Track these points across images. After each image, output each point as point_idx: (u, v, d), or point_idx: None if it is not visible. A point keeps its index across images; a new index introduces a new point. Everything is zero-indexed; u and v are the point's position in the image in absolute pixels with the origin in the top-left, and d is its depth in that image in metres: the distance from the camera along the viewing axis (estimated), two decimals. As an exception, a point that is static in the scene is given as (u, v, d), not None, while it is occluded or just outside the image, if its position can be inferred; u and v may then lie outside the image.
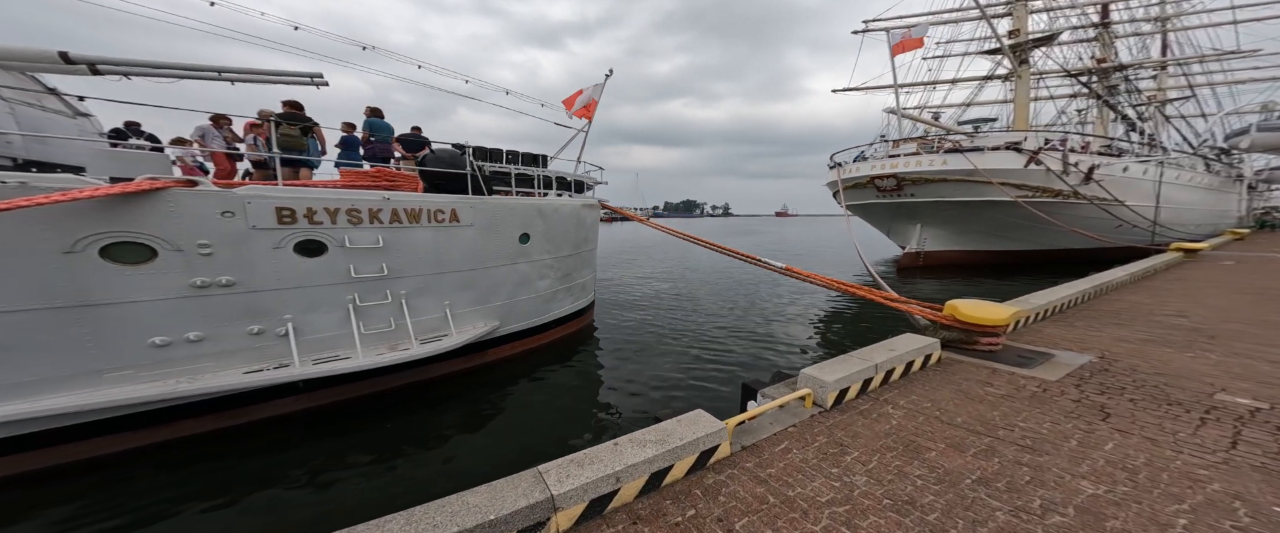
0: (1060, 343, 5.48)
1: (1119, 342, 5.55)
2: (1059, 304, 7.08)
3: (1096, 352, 5.16)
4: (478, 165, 8.09)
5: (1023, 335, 5.83)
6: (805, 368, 3.81)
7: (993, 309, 4.88)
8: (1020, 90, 25.73)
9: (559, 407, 6.47)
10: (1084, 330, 6.06)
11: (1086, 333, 5.94)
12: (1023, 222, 18.69)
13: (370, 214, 5.50)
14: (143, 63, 5.78)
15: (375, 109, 6.85)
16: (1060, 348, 5.26)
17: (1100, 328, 6.21)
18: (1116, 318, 6.77)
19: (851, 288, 6.09)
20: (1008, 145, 18.08)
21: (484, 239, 7.03)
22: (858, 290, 6.01)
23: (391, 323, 5.80)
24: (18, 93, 5.54)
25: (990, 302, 5.23)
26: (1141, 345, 5.39)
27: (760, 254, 7.95)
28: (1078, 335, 5.79)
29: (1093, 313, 7.15)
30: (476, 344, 7.36)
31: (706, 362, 8.23)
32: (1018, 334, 5.89)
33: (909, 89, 27.82)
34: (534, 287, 8.52)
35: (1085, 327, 6.27)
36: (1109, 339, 5.67)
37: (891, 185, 18.27)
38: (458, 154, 7.43)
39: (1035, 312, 6.45)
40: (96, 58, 5.56)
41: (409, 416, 5.93)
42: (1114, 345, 5.40)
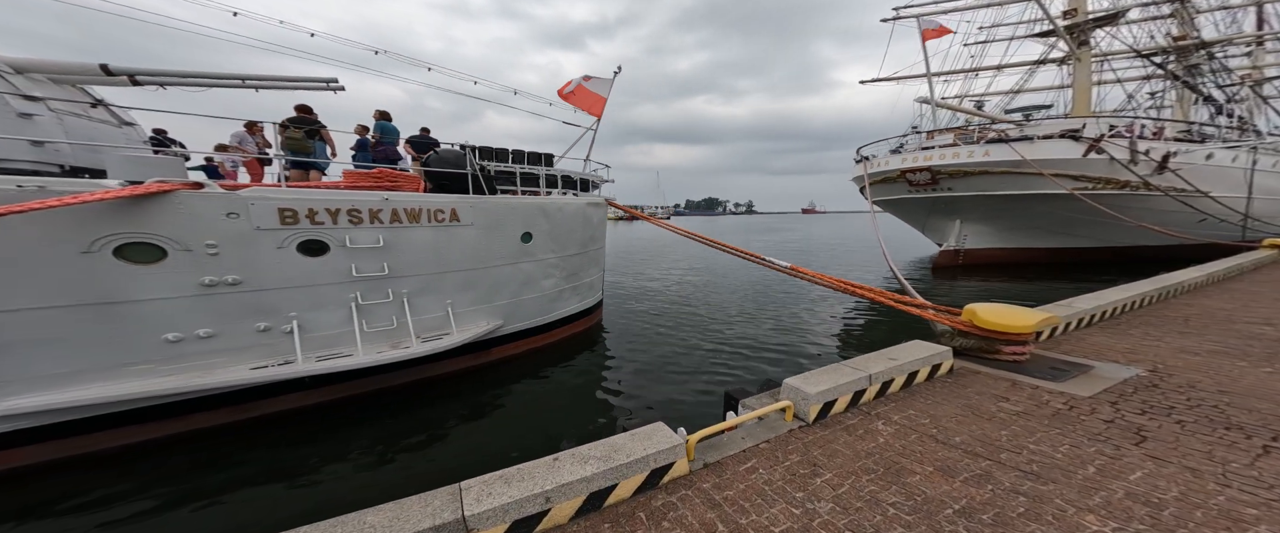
0: (1105, 353, 4.77)
1: (1180, 353, 4.76)
2: (1111, 308, 6.22)
3: (1148, 364, 4.44)
4: (480, 165, 8.10)
5: (1060, 343, 5.13)
6: (789, 378, 3.43)
7: (1017, 315, 4.28)
8: (1080, 74, 23.54)
9: (559, 407, 6.33)
10: (1139, 339, 5.27)
11: (1141, 342, 5.15)
12: (1082, 216, 17.00)
13: (371, 214, 5.53)
14: (177, 73, 6.10)
15: (383, 112, 6.96)
16: (1104, 359, 4.56)
17: (1160, 337, 5.38)
18: (1183, 325, 5.87)
19: (858, 289, 5.57)
20: (1063, 133, 16.50)
21: (486, 239, 6.99)
22: (865, 291, 5.49)
23: (393, 321, 5.83)
24: (67, 104, 5.95)
25: (1016, 306, 4.61)
26: (1208, 358, 4.60)
27: (780, 252, 7.52)
28: (1130, 345, 5.03)
29: (1153, 319, 6.25)
30: (479, 343, 7.34)
31: (716, 365, 7.87)
32: (1055, 342, 5.19)
33: (948, 78, 25.98)
34: (538, 286, 8.43)
35: (1141, 335, 5.45)
36: (1168, 350, 4.88)
37: (925, 179, 17.05)
38: (461, 155, 7.43)
39: (1078, 317, 5.67)
40: (135, 69, 5.89)
41: (412, 412, 5.94)
42: (1173, 358, 4.63)
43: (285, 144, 5.74)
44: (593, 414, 6.12)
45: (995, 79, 26.83)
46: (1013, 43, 26.83)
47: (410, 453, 5.01)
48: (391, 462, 4.85)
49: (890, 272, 18.21)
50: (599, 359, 8.60)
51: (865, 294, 5.50)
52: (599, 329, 10.66)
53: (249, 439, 5.24)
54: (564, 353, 8.65)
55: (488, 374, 7.37)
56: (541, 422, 5.86)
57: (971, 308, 4.56)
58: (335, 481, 4.54)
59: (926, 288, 15.06)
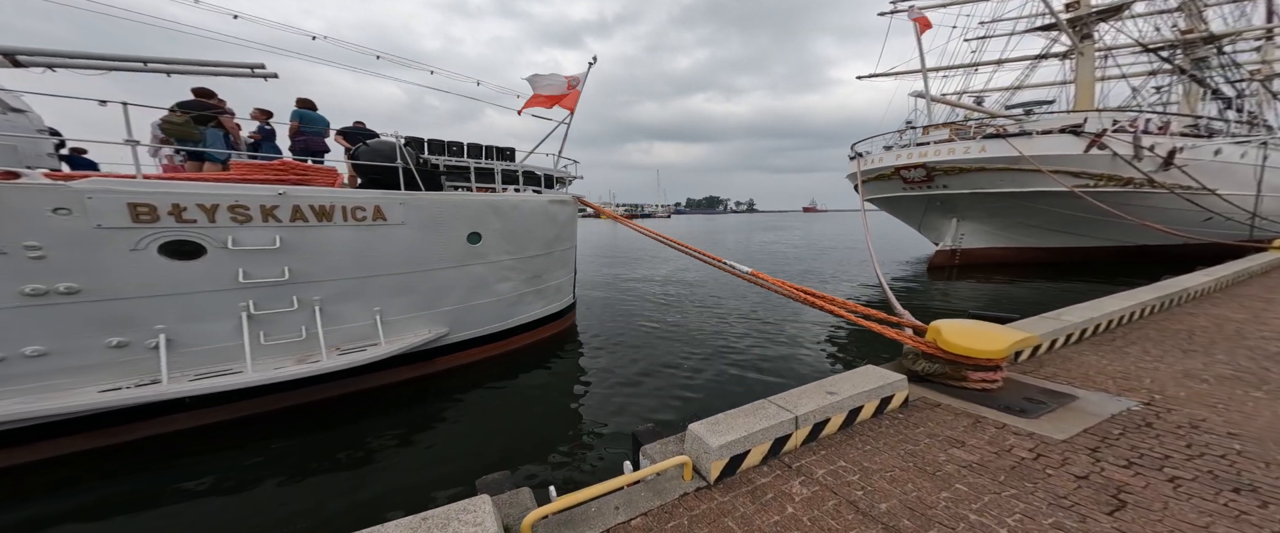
0: (1095, 378, 4.03)
1: (1183, 379, 4.01)
2: (1106, 322, 5.45)
3: (1143, 394, 3.70)
4: (423, 159, 7.45)
5: (1044, 365, 4.40)
6: (694, 423, 2.75)
7: (987, 336, 3.56)
8: (1083, 69, 22.46)
9: (506, 423, 5.69)
10: (1136, 359, 4.51)
11: (1139, 363, 4.40)
12: (1083, 215, 16.08)
13: (263, 211, 4.82)
14: (67, 54, 5.47)
15: (305, 100, 6.26)
16: (1092, 386, 3.83)
17: (1160, 356, 4.62)
18: (1188, 340, 5.09)
19: (817, 300, 4.86)
20: (1064, 129, 15.56)
21: (423, 239, 6.33)
22: (824, 303, 4.77)
23: (302, 332, 5.17)
24: None
25: (989, 325, 3.89)
26: (1217, 386, 3.84)
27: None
28: (1124, 368, 4.28)
29: (1154, 333, 5.48)
30: (420, 353, 6.72)
31: (694, 378, 7.07)
32: (1038, 363, 4.45)
33: (946, 73, 24.93)
34: (492, 290, 7.78)
35: (1139, 353, 4.69)
36: (1169, 374, 4.13)
37: (920, 177, 16.18)
38: (394, 146, 6.80)
39: (1067, 332, 4.92)
40: (15, 48, 5.28)
41: (333, 430, 5.33)
42: (1174, 384, 3.89)
43: (167, 131, 5.03)
44: (540, 432, 5.47)
45: (995, 75, 25.77)
46: (1014, 37, 25.72)
47: (324, 475, 4.39)
48: (296, 484, 4.23)
49: (890, 273, 17.61)
50: (565, 369, 7.93)
51: (824, 306, 4.79)
52: (571, 335, 10.01)
53: (112, 466, 4.55)
54: (526, 362, 8.00)
55: (435, 385, 6.75)
56: (482, 441, 5.23)
57: (937, 326, 3.85)
58: (226, 513, 3.93)
59: (921, 289, 14.24)
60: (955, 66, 24.64)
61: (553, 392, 6.90)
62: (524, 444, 5.13)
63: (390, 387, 6.46)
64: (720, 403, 5.89)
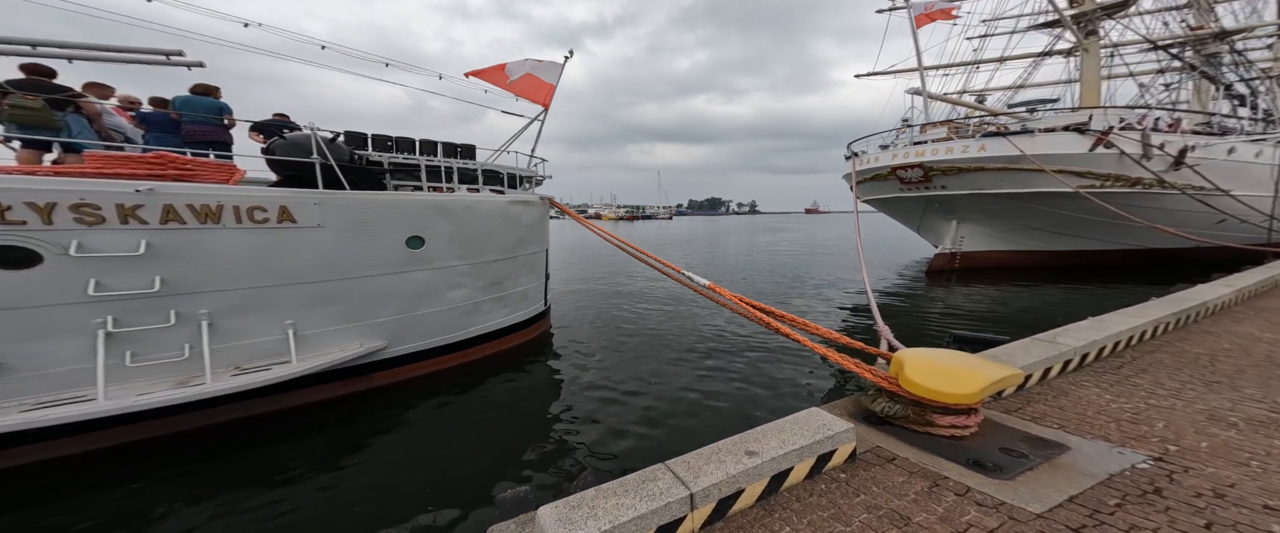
0: (1095, 420, 3.25)
1: (1208, 421, 3.21)
2: (1112, 344, 4.64)
3: (1155, 443, 2.91)
4: (358, 155, 6.78)
5: (1034, 400, 3.62)
6: (546, 506, 2.01)
7: (956, 374, 2.81)
8: (1088, 66, 21.38)
9: (446, 448, 5.04)
10: (1147, 393, 3.71)
11: (1150, 400, 3.60)
12: (1089, 217, 15.12)
13: (121, 211, 4.10)
14: None
15: (203, 86, 5.53)
16: (1090, 432, 3.05)
17: (1178, 389, 3.81)
18: (1210, 369, 4.26)
19: (770, 320, 4.12)
20: (1068, 127, 14.62)
21: (349, 243, 5.65)
22: (780, 327, 4.02)
23: (185, 350, 4.50)
24: None
25: (964, 356, 3.13)
26: (1250, 433, 3.03)
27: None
28: (1133, 406, 3.47)
29: (1169, 357, 4.65)
30: (352, 368, 6.05)
31: (675, 400, 6.20)
32: (1026, 397, 3.67)
33: (946, 72, 23.90)
34: (441, 298, 7.10)
35: (1151, 385, 3.89)
36: (1190, 415, 3.32)
37: (917, 177, 15.29)
38: (328, 140, 6.12)
39: (1065, 358, 4.13)
40: None
41: (246, 454, 4.68)
42: (1195, 430, 3.09)
43: (11, 116, 4.25)
44: (480, 458, 4.80)
45: (997, 73, 24.70)
46: (1016, 35, 24.65)
47: (218, 511, 3.74)
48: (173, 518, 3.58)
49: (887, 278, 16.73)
50: (528, 384, 7.21)
51: (779, 328, 4.04)
52: (544, 345, 9.31)
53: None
54: (485, 375, 7.27)
55: (373, 404, 6.08)
56: (412, 470, 4.59)
57: (900, 359, 3.09)
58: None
59: (917, 296, 13.37)
60: (956, 65, 23.64)
61: (506, 411, 6.21)
62: (457, 474, 4.47)
63: (316, 406, 5.78)
64: (687, 433, 5.11)
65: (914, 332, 9.34)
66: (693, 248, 30.59)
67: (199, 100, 5.38)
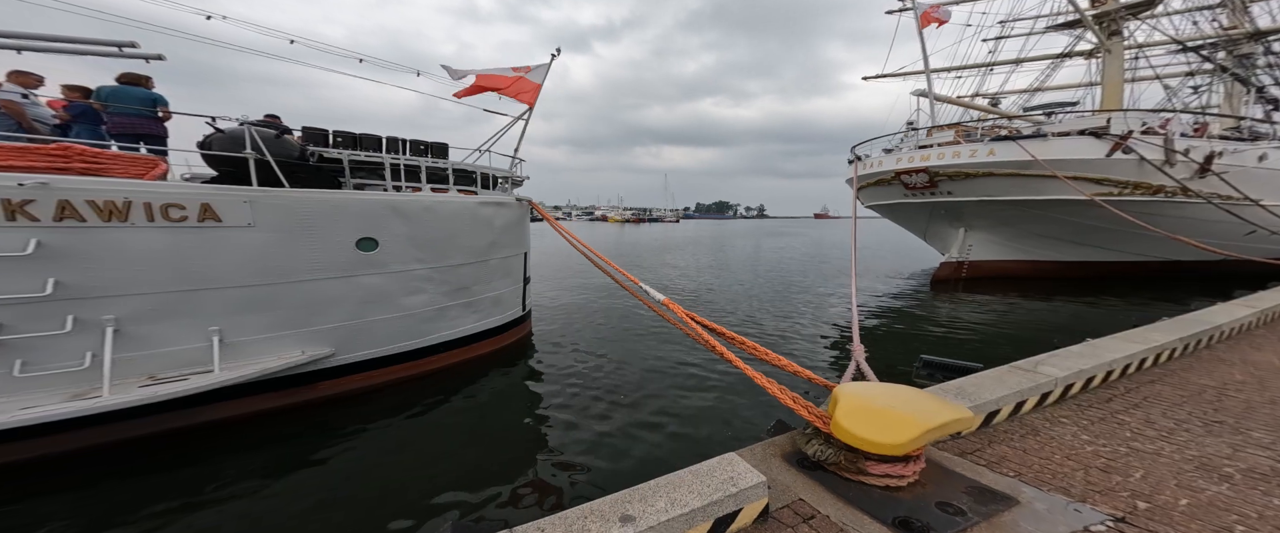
0: (1061, 467, 2.79)
1: (1197, 470, 2.73)
2: (1104, 374, 4.14)
3: (1124, 498, 2.45)
4: (311, 152, 6.55)
5: (998, 439, 3.16)
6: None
7: (893, 418, 2.39)
8: (1110, 68, 20.51)
9: (389, 466, 4.74)
10: (1134, 434, 3.22)
11: (1134, 442, 3.11)
12: (1105, 226, 14.35)
13: (6, 207, 3.82)
14: None
15: (130, 75, 5.31)
16: (1049, 482, 2.60)
17: (1170, 430, 3.32)
18: (1215, 405, 3.74)
19: (713, 343, 3.73)
20: (1084, 131, 13.92)
21: (285, 244, 5.38)
22: (729, 354, 3.62)
23: (86, 359, 4.26)
24: None
25: (912, 394, 2.70)
26: (1245, 487, 2.55)
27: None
28: (1110, 450, 2.97)
29: (1171, 389, 4.14)
30: (295, 376, 5.79)
31: (635, 424, 5.74)
32: (989, 435, 3.22)
33: (959, 74, 23.11)
34: (397, 304, 6.82)
35: (1140, 423, 3.40)
36: (1175, 462, 2.83)
37: (922, 182, 14.68)
38: (268, 133, 5.88)
39: (1043, 391, 3.66)
40: None
41: (169, 472, 4.43)
42: (1177, 482, 2.61)
43: None
44: (435, 477, 4.52)
45: (1012, 76, 23.82)
46: (1032, 37, 23.77)
47: None
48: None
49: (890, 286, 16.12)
50: (496, 394, 6.89)
51: (724, 354, 3.64)
52: (521, 351, 9.01)
53: None
54: (448, 384, 6.96)
55: (319, 414, 5.82)
56: (357, 487, 4.35)
57: (837, 395, 2.69)
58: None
59: (916, 308, 12.77)
60: (968, 67, 22.84)
61: (466, 424, 5.92)
62: (403, 494, 4.18)
63: (253, 418, 5.52)
64: (642, 464, 4.71)
65: (907, 347, 8.81)
66: (698, 250, 30.13)
67: (127, 90, 5.16)
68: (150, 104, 5.31)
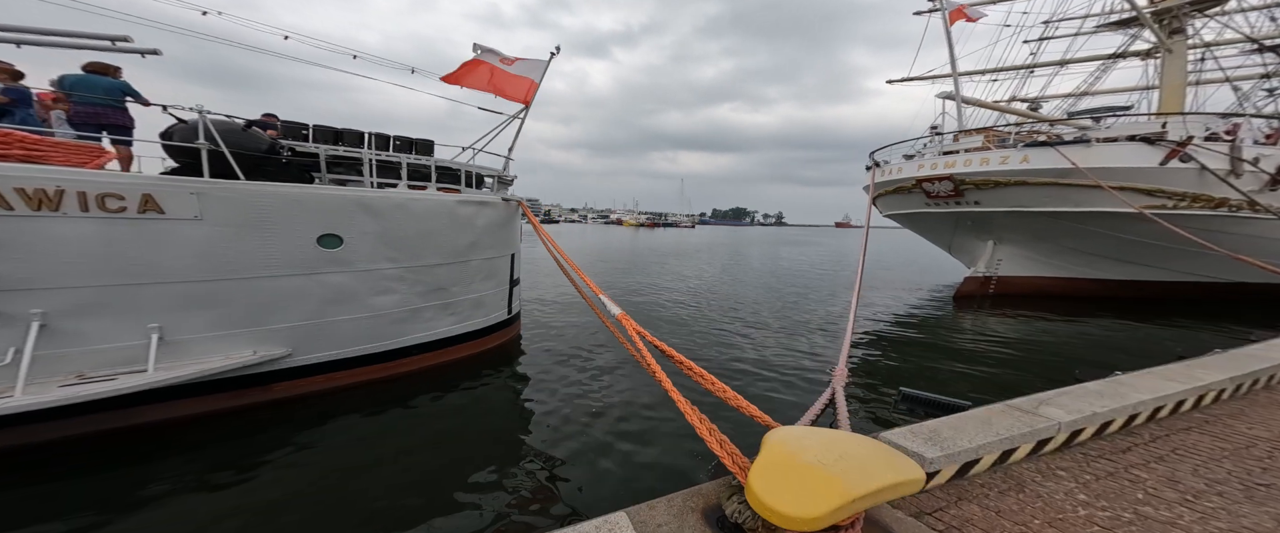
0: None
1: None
2: (1126, 419, 3.49)
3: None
4: (283, 147, 6.46)
5: (968, 496, 2.60)
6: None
7: (815, 481, 1.89)
8: (1171, 70, 18.97)
9: (346, 475, 4.52)
10: (1146, 498, 2.58)
11: (1143, 507, 2.48)
12: (1155, 242, 13.10)
13: None
14: None
15: (93, 64, 5.27)
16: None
17: (1197, 493, 2.66)
18: (1263, 463, 3.04)
19: (660, 376, 3.28)
20: (1135, 137, 12.77)
21: (239, 239, 5.25)
22: (660, 377, 3.19)
23: (7, 355, 4.15)
24: None
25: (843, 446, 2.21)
26: None
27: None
28: (1110, 518, 2.41)
29: (1207, 439, 3.45)
30: (247, 377, 5.66)
31: (598, 446, 5.30)
32: (960, 490, 2.66)
33: (995, 76, 21.73)
34: (365, 304, 6.65)
35: (1158, 484, 2.75)
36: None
37: (946, 190, 13.75)
38: (234, 125, 5.81)
39: (1041, 438, 3.06)
40: None
41: (98, 475, 4.31)
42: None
43: None
44: (390, 486, 4.30)
45: (1054, 79, 22.27)
46: (1079, 37, 22.21)
47: None
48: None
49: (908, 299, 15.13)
50: (467, 400, 6.64)
51: (662, 382, 3.20)
52: (502, 355, 8.78)
53: None
54: (419, 389, 6.73)
55: (277, 416, 5.68)
56: (307, 496, 4.16)
57: (765, 442, 2.23)
58: None
59: (936, 322, 11.90)
60: (1005, 69, 21.47)
61: (429, 429, 5.70)
62: (352, 507, 3.95)
63: (201, 419, 5.37)
64: (593, 497, 4.33)
65: (909, 370, 8.09)
66: (711, 257, 29.48)
67: (92, 80, 5.15)
68: (118, 94, 5.30)
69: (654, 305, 13.11)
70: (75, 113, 5.15)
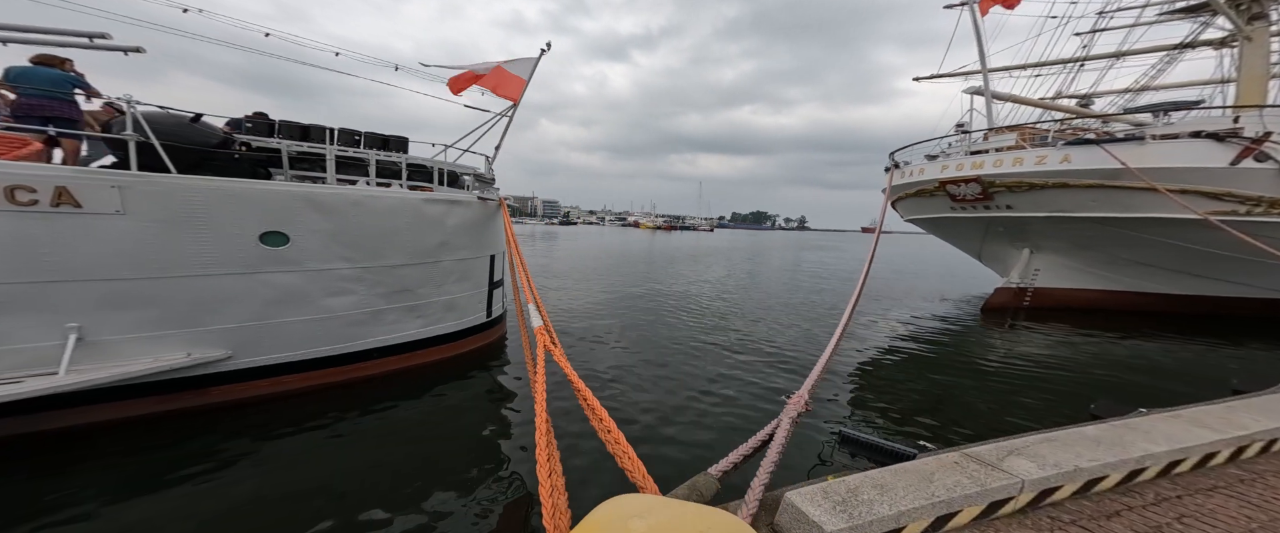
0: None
1: None
2: (1123, 475, 2.77)
3: None
4: (238, 142, 6.39)
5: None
6: None
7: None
8: (1250, 59, 17.06)
9: (283, 485, 4.38)
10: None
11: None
12: (1221, 252, 11.66)
13: None
14: None
15: (40, 56, 5.29)
16: None
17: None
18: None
19: (538, 406, 2.83)
20: (1199, 133, 11.43)
21: (168, 235, 5.13)
22: (540, 411, 2.73)
23: None
24: None
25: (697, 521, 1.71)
26: None
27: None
28: None
29: (1234, 504, 2.72)
30: (179, 380, 5.56)
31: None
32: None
33: (1038, 71, 19.96)
34: (318, 305, 6.49)
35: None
36: None
37: (973, 193, 12.64)
38: (180, 118, 5.75)
39: (995, 499, 2.41)
40: None
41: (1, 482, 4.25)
42: None
43: None
44: (335, 500, 4.10)
45: (1107, 74, 20.37)
46: (1137, 29, 20.28)
47: None
48: None
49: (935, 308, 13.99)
50: (439, 405, 6.45)
51: (537, 411, 2.75)
52: (477, 360, 8.55)
53: None
54: (381, 394, 6.55)
55: (214, 422, 5.55)
56: (238, 508, 3.98)
57: (592, 515, 1.77)
58: None
59: (957, 337, 10.88)
60: (1050, 63, 19.78)
61: (382, 437, 5.48)
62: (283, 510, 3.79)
63: (125, 424, 5.23)
64: None
65: (908, 390, 7.28)
66: (730, 261, 28.68)
67: (36, 71, 5.17)
68: (66, 86, 5.32)
69: (642, 307, 12.59)
70: (19, 105, 5.17)
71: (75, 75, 5.55)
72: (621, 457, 2.37)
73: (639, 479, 2.26)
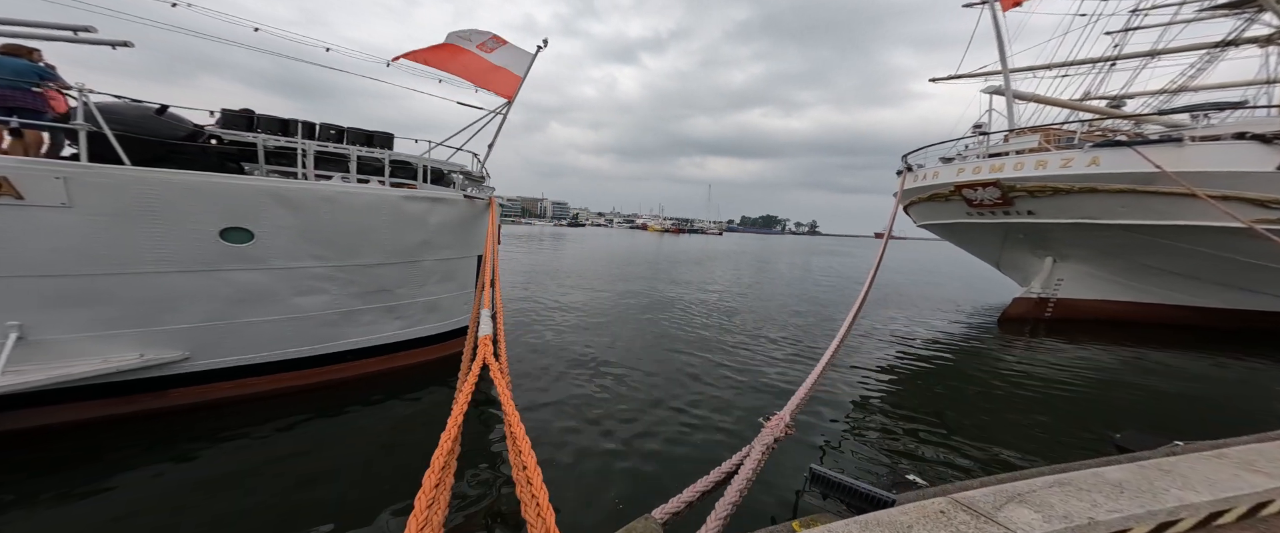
0: None
1: None
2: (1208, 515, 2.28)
3: None
4: (206, 134, 6.20)
5: None
6: None
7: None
8: (1301, 55, 15.99)
9: (236, 493, 4.16)
10: None
11: None
12: (1266, 263, 10.81)
13: None
14: None
15: (5, 46, 5.14)
16: None
17: None
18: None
19: (450, 424, 2.46)
20: (1242, 134, 10.64)
21: (119, 230, 4.92)
22: (452, 432, 2.36)
23: None
24: None
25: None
26: None
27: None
28: None
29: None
30: (132, 382, 5.34)
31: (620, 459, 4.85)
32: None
33: (1065, 71, 18.99)
34: (286, 304, 6.25)
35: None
36: None
37: (991, 198, 11.94)
38: (144, 109, 5.57)
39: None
40: None
41: None
42: None
43: None
44: (294, 510, 3.89)
45: (1140, 74, 19.33)
46: (1175, 26, 19.25)
47: None
48: None
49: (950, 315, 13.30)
50: (412, 410, 6.26)
51: (445, 438, 2.38)
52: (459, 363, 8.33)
53: None
54: (352, 396, 6.33)
55: (172, 425, 5.34)
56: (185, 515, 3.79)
57: None
58: None
59: (969, 350, 10.24)
60: (1078, 62, 18.83)
61: (349, 444, 5.24)
62: None
63: (70, 427, 5.00)
64: None
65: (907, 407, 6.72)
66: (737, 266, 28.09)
67: (1, 61, 5.04)
68: (31, 77, 5.18)
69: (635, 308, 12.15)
70: None
71: (43, 66, 5.42)
72: (527, 505, 1.95)
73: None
